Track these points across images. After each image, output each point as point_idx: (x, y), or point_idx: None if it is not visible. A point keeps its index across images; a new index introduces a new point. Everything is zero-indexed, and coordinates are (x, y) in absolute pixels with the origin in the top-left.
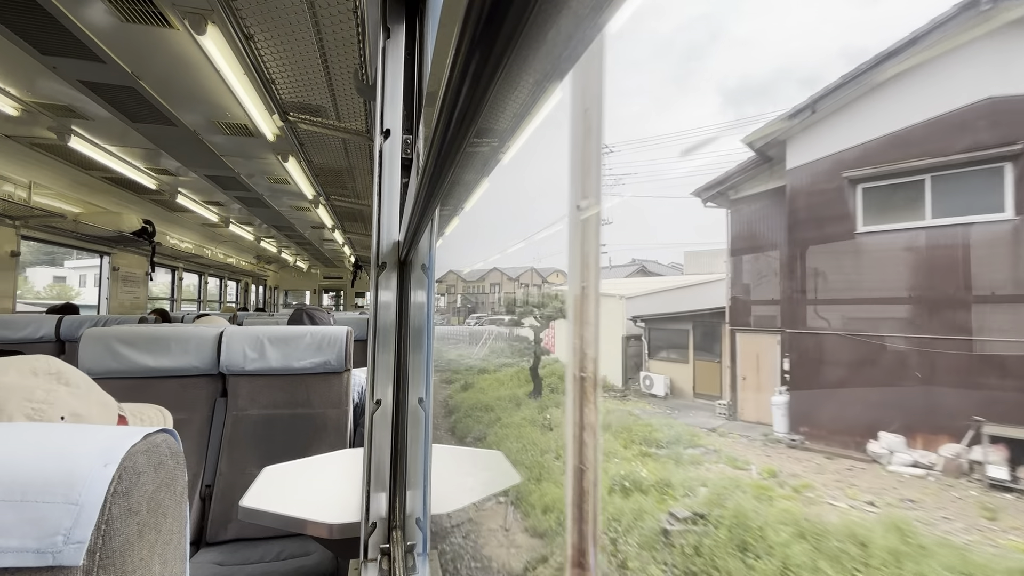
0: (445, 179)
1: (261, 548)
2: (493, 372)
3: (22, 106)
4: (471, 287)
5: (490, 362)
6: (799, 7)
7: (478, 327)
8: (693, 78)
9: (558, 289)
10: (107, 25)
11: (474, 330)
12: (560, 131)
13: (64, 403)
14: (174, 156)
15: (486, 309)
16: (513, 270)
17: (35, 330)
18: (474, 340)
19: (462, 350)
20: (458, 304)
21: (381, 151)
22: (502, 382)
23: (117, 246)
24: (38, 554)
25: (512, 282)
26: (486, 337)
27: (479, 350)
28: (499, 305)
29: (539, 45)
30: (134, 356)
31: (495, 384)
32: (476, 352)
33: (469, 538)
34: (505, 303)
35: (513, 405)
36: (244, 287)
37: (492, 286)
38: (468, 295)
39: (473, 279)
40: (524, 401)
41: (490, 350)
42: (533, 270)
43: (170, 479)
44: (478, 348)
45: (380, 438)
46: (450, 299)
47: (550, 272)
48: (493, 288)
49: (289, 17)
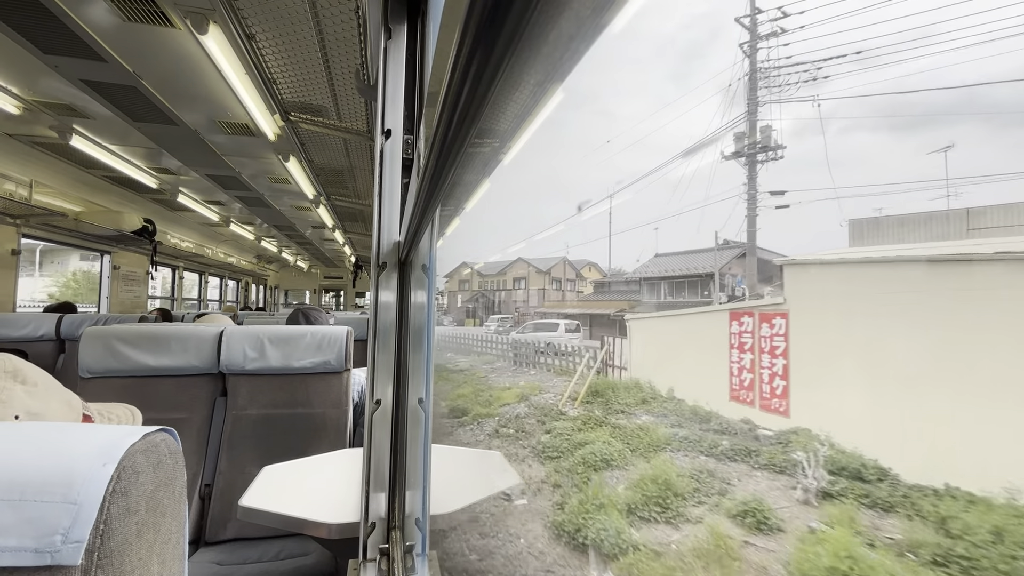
0: (446, 179)
1: (260, 548)
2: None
3: (24, 105)
4: (489, 283)
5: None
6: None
7: (519, 333)
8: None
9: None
10: (109, 24)
11: (506, 338)
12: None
13: (19, 402)
14: (175, 155)
15: (510, 308)
16: (542, 261)
17: (35, 329)
18: (515, 359)
19: (504, 379)
20: (472, 304)
21: (382, 151)
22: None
23: (118, 245)
24: (36, 553)
25: (541, 276)
26: (533, 349)
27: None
28: (526, 304)
29: (540, 46)
30: (134, 355)
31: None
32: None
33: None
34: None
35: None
36: (244, 286)
37: (516, 281)
38: (486, 292)
39: (491, 273)
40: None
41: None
42: (566, 262)
43: (169, 478)
44: (531, 377)
45: (380, 438)
46: (463, 297)
47: (583, 265)
48: (517, 283)
49: (291, 17)
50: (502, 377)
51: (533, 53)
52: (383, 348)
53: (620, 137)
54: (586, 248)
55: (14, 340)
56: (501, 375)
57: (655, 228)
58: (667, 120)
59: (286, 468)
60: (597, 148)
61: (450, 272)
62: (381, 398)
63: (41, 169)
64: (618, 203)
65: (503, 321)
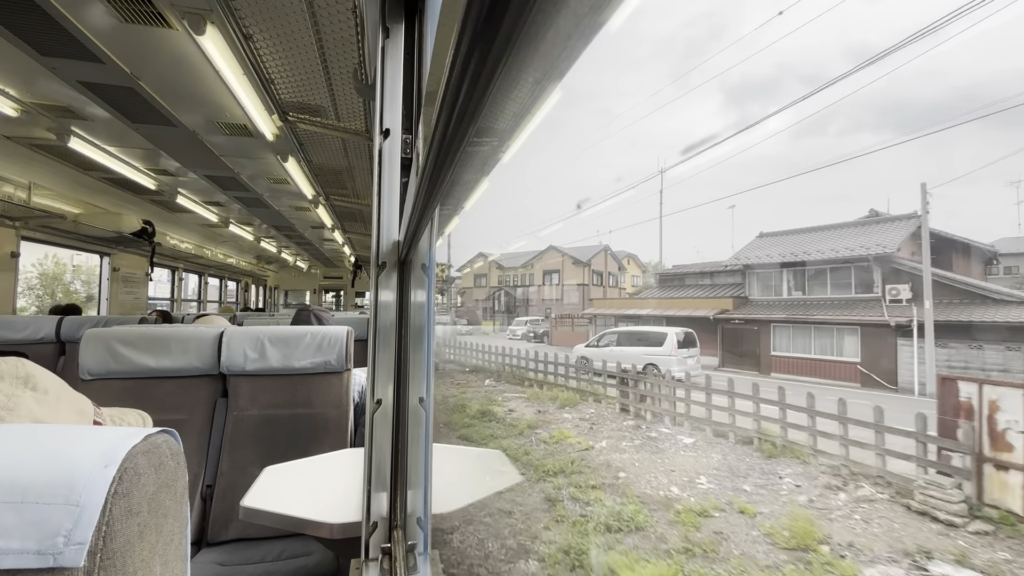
0: (445, 178)
1: (262, 548)
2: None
3: (22, 107)
4: (512, 276)
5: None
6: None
7: (589, 346)
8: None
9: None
10: (106, 26)
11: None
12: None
13: (26, 410)
14: (174, 156)
15: (538, 308)
16: (580, 250)
17: (35, 331)
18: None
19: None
20: (490, 303)
21: (380, 151)
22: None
23: (117, 247)
24: (39, 555)
25: (580, 268)
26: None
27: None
28: (560, 303)
29: (538, 44)
30: (134, 356)
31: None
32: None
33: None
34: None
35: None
36: (244, 287)
37: (547, 274)
38: (507, 288)
39: (513, 265)
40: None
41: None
42: (607, 252)
43: (171, 480)
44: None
45: (381, 438)
46: (481, 294)
47: (621, 256)
48: (549, 277)
49: (288, 17)
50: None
51: (531, 51)
52: (383, 348)
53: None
54: (612, 237)
55: (14, 342)
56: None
57: (730, 206)
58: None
59: (287, 468)
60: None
61: (462, 265)
62: (382, 398)
63: (40, 171)
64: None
65: (532, 324)
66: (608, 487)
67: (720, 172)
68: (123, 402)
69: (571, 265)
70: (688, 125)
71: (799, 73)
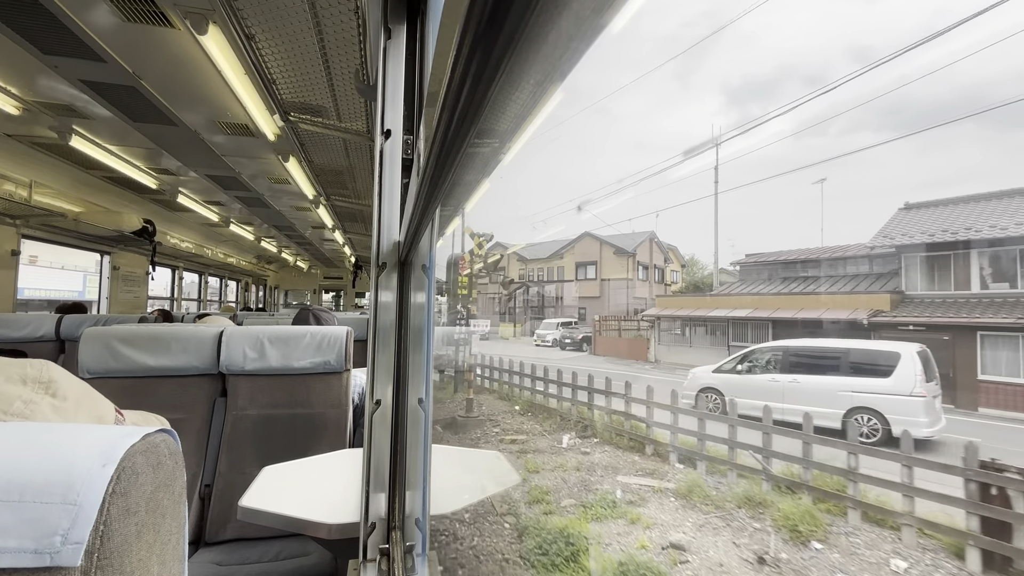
0: (446, 180)
1: (260, 548)
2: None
3: (23, 105)
4: (536, 270)
5: None
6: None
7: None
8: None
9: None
10: (108, 25)
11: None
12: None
13: (42, 416)
14: (175, 156)
15: (572, 309)
16: (623, 238)
17: (35, 329)
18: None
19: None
20: (511, 302)
21: (382, 151)
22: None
23: (118, 245)
24: (36, 554)
25: (623, 260)
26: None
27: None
28: (604, 302)
29: (540, 46)
30: (134, 355)
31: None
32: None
33: None
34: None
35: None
36: (244, 287)
37: (581, 267)
38: (531, 285)
39: (538, 257)
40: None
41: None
42: (653, 240)
43: (169, 479)
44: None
45: (380, 438)
46: (503, 293)
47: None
48: (583, 271)
49: (290, 17)
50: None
51: (533, 53)
52: (383, 348)
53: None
54: (642, 224)
55: (14, 341)
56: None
57: (819, 182)
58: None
59: (286, 468)
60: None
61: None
62: (381, 398)
63: (41, 169)
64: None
65: (567, 329)
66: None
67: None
68: (122, 401)
69: (612, 256)
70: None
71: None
